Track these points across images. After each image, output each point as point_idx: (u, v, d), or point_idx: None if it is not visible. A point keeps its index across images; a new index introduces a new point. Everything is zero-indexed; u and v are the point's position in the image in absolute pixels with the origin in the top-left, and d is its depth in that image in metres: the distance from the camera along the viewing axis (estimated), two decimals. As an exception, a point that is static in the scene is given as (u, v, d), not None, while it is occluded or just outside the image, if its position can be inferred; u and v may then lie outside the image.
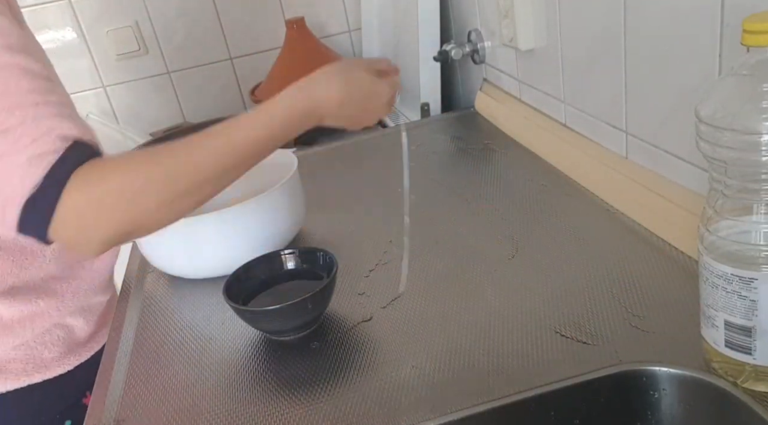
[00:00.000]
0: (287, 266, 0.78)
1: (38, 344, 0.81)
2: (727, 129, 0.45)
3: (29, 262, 0.79)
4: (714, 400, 0.53)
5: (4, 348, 0.78)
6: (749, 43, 0.44)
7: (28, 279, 0.79)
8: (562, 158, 0.96)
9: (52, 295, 0.81)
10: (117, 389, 0.69)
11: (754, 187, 0.46)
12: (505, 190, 0.94)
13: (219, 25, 1.68)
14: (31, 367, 0.80)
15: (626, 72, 0.78)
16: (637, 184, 0.79)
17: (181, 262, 0.86)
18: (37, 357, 0.81)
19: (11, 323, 0.78)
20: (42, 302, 0.80)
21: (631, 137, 0.81)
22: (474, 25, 1.25)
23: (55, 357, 0.82)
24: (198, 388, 0.67)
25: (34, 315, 0.80)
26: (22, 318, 0.79)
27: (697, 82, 0.66)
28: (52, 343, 0.82)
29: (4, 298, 0.77)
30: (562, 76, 0.95)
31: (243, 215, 0.82)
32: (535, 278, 0.73)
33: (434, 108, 1.35)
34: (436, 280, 0.76)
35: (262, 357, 0.70)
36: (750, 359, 0.50)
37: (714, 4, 0.60)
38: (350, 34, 1.76)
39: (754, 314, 0.48)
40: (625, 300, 0.66)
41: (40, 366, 0.81)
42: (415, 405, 0.59)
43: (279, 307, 0.68)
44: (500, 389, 0.58)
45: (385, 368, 0.64)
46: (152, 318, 0.81)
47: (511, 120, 1.14)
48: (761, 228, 0.47)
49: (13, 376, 0.79)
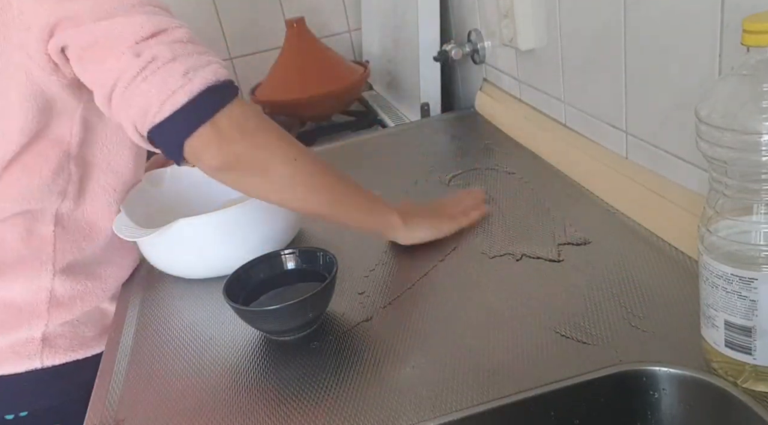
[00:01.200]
0: (287, 266, 0.78)
1: (81, 323, 0.86)
2: (727, 129, 0.45)
3: (86, 244, 0.85)
4: (714, 400, 0.53)
5: (54, 323, 0.83)
6: (749, 43, 0.44)
7: (82, 260, 0.85)
8: (562, 158, 0.96)
9: (97, 278, 0.87)
10: (117, 389, 0.69)
11: (754, 187, 0.46)
12: (505, 190, 0.94)
13: (219, 25, 1.68)
14: (76, 344, 0.85)
15: (626, 72, 0.78)
16: (637, 184, 0.79)
17: (181, 262, 0.86)
18: (79, 334, 0.85)
19: (64, 300, 0.84)
20: (90, 283, 0.86)
21: (631, 137, 0.81)
22: (474, 25, 1.25)
23: (94, 336, 0.86)
24: (198, 388, 0.67)
25: (84, 295, 0.85)
26: (73, 296, 0.84)
27: (697, 82, 0.66)
28: (92, 323, 0.87)
29: (62, 275, 0.83)
30: (562, 76, 0.95)
31: (243, 216, 0.82)
32: (535, 278, 0.73)
33: (434, 108, 1.35)
34: (436, 280, 0.76)
35: (262, 357, 0.70)
36: (750, 359, 0.50)
37: (714, 4, 0.60)
38: (350, 34, 1.76)
39: (754, 314, 0.48)
40: (625, 300, 0.66)
41: (83, 343, 0.85)
42: (415, 405, 0.59)
43: (279, 307, 0.68)
44: (500, 389, 0.58)
45: (385, 368, 0.64)
46: (152, 318, 0.81)
47: (511, 120, 1.14)
48: (761, 228, 0.47)
49: (61, 351, 0.84)
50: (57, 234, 0.82)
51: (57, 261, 0.82)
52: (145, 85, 0.65)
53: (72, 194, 0.82)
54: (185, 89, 0.66)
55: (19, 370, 0.82)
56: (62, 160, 0.80)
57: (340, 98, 1.47)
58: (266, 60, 1.60)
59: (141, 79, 0.65)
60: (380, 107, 1.52)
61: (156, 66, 0.65)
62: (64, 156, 0.80)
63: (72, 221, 0.83)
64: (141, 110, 0.66)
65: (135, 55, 0.65)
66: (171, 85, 0.65)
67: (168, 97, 0.65)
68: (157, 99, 0.65)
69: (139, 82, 0.65)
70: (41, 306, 0.82)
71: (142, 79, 0.65)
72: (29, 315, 0.82)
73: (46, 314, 0.82)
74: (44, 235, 0.82)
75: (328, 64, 1.47)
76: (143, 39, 0.66)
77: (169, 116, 0.66)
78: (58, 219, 0.82)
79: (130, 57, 0.65)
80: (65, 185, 0.81)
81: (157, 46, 0.66)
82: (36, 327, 0.82)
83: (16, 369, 0.82)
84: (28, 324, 0.82)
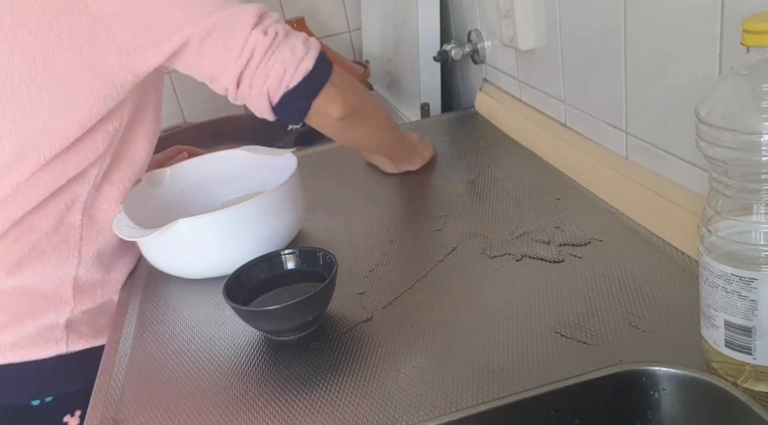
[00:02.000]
0: (287, 266, 0.78)
1: (98, 312, 0.89)
2: (727, 129, 0.45)
3: (111, 234, 0.87)
4: (714, 400, 0.53)
5: (76, 311, 0.86)
6: (749, 43, 0.44)
7: (104, 249, 0.89)
8: (562, 158, 0.96)
9: (113, 269, 0.91)
10: (117, 389, 0.69)
11: (754, 187, 0.46)
12: (505, 190, 0.94)
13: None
14: (95, 330, 0.88)
15: (626, 72, 0.78)
16: (637, 184, 0.79)
17: (181, 262, 0.86)
18: (97, 322, 0.88)
19: (86, 288, 0.87)
20: (107, 274, 0.90)
21: (631, 137, 0.81)
22: (474, 25, 1.25)
23: (107, 324, 0.88)
24: (198, 388, 0.67)
25: (104, 284, 0.89)
26: (94, 285, 0.88)
27: (697, 82, 0.66)
28: (107, 312, 0.89)
29: (86, 264, 0.86)
30: (562, 76, 0.95)
31: (243, 216, 0.82)
32: (535, 278, 0.73)
33: (434, 108, 1.35)
34: (436, 280, 0.76)
35: (262, 357, 0.70)
36: (750, 359, 0.50)
37: (714, 4, 0.60)
38: (350, 34, 1.76)
39: (754, 314, 0.48)
40: (625, 300, 0.66)
41: (99, 331, 0.88)
42: (415, 405, 0.59)
43: (279, 307, 0.68)
44: (500, 389, 0.58)
45: (385, 368, 0.64)
46: (152, 318, 0.81)
47: (511, 120, 1.14)
48: (761, 228, 0.47)
49: (84, 337, 0.87)
50: (84, 223, 0.85)
51: (83, 250, 0.86)
52: (277, 56, 0.76)
53: (99, 183, 0.86)
54: (310, 55, 0.78)
55: (45, 356, 0.85)
56: (105, 149, 0.83)
57: (340, 98, 1.47)
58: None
59: (272, 52, 0.76)
60: (380, 107, 1.52)
61: (280, 40, 0.77)
62: (107, 146, 0.84)
63: (97, 210, 0.87)
64: (276, 78, 0.77)
65: (263, 33, 0.76)
66: (298, 53, 0.77)
67: (300, 63, 0.77)
68: (291, 65, 0.77)
69: (271, 54, 0.76)
70: (67, 293, 0.85)
71: (272, 52, 0.76)
72: (56, 302, 0.85)
73: (72, 301, 0.86)
74: (73, 223, 0.85)
75: (328, 64, 1.47)
76: (259, 21, 0.77)
77: (301, 80, 0.78)
78: (86, 207, 0.85)
79: (258, 35, 0.76)
80: (99, 172, 0.85)
81: (272, 24, 0.77)
82: (62, 313, 0.85)
83: (43, 355, 0.85)
84: (56, 310, 0.85)
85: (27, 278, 0.83)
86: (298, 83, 0.78)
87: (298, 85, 0.78)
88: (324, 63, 0.80)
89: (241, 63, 0.76)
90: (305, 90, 0.79)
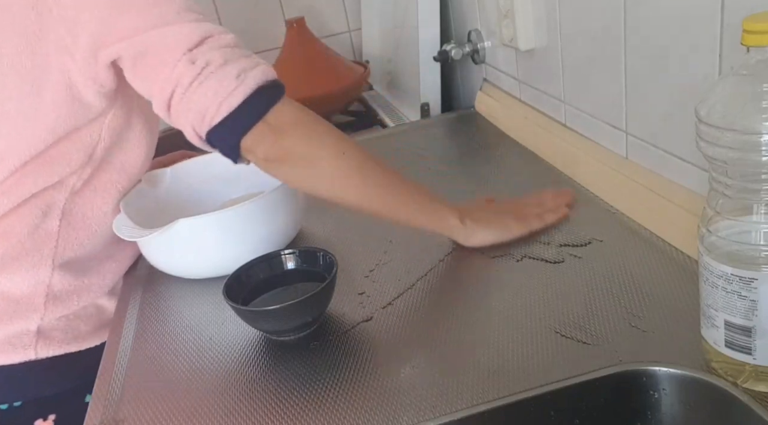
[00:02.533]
0: (287, 266, 0.78)
1: (77, 317, 0.86)
2: (727, 129, 0.45)
3: (88, 240, 0.86)
4: (714, 400, 0.53)
5: (50, 318, 0.84)
6: (749, 43, 0.44)
7: (82, 256, 0.86)
8: (562, 158, 0.96)
9: (95, 273, 0.88)
10: (117, 389, 0.69)
11: (754, 187, 0.46)
12: (505, 190, 0.94)
13: (219, 25, 1.67)
14: (71, 337, 0.86)
15: (626, 72, 0.78)
16: (637, 184, 0.79)
17: (181, 262, 0.86)
18: (75, 328, 0.86)
19: (61, 295, 0.84)
20: (87, 279, 0.87)
21: (631, 137, 0.81)
22: (474, 25, 1.25)
23: (89, 330, 0.87)
24: (198, 388, 0.67)
25: (81, 291, 0.86)
26: (70, 292, 0.85)
27: (697, 82, 0.66)
28: (88, 318, 0.88)
29: (61, 270, 0.84)
30: (562, 76, 0.95)
31: (243, 216, 0.82)
32: (535, 278, 0.73)
33: (434, 108, 1.34)
34: (436, 280, 0.76)
35: (262, 357, 0.70)
36: (750, 359, 0.50)
37: (714, 4, 0.60)
38: (350, 34, 1.76)
39: (754, 314, 0.48)
40: (625, 300, 0.66)
41: (78, 337, 0.86)
42: (415, 405, 0.59)
43: (279, 307, 0.68)
44: (500, 389, 0.58)
45: (385, 368, 0.64)
46: (152, 318, 0.81)
47: (511, 120, 1.14)
48: (761, 228, 0.47)
49: (56, 343, 0.85)
50: (62, 229, 0.83)
51: (57, 256, 0.84)
52: (202, 89, 0.69)
53: (80, 189, 0.83)
54: (239, 91, 0.69)
55: (13, 361, 0.83)
56: (84, 160, 0.82)
57: (340, 98, 1.47)
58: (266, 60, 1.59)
59: (197, 84, 0.69)
60: (380, 107, 1.52)
61: (210, 71, 0.69)
62: (86, 157, 0.82)
63: (78, 216, 0.84)
64: (199, 113, 0.69)
65: (190, 62, 0.69)
66: (226, 87, 0.69)
67: (224, 100, 0.69)
68: (214, 102, 0.69)
69: (196, 87, 0.69)
70: (38, 300, 0.83)
71: (198, 83, 0.69)
72: (26, 308, 0.83)
73: (42, 308, 0.84)
74: (50, 229, 0.83)
75: (328, 64, 1.47)
76: (195, 45, 0.70)
77: (225, 117, 0.69)
78: (65, 213, 0.83)
79: (185, 64, 0.69)
80: (77, 180, 0.83)
81: (209, 52, 0.70)
82: (32, 320, 0.83)
83: (11, 360, 0.83)
84: (25, 317, 0.83)
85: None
86: (221, 121, 0.70)
87: (221, 122, 0.70)
88: (262, 98, 0.71)
89: (165, 94, 0.70)
90: (231, 128, 0.70)
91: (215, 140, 0.72)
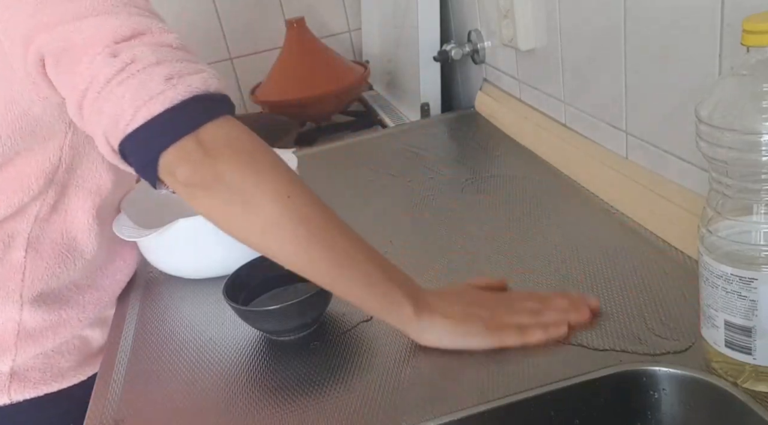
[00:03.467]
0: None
1: (56, 353, 0.79)
2: (727, 129, 0.45)
3: (61, 269, 0.77)
4: (714, 400, 0.53)
5: (25, 356, 0.77)
6: (749, 43, 0.44)
7: (56, 287, 0.78)
8: (562, 158, 0.96)
9: (74, 305, 0.80)
10: (117, 389, 0.69)
11: (754, 187, 0.46)
12: (505, 190, 0.94)
13: (219, 25, 1.68)
14: (49, 376, 0.78)
15: (626, 72, 0.78)
16: (637, 184, 0.79)
17: (181, 262, 0.86)
18: (54, 366, 0.79)
19: (35, 332, 0.77)
20: (64, 312, 0.78)
21: (631, 137, 0.81)
22: (474, 25, 1.25)
23: (71, 366, 0.80)
24: (198, 388, 0.67)
25: (57, 325, 0.78)
26: (45, 328, 0.77)
27: (697, 82, 0.66)
28: (69, 352, 0.80)
29: (32, 305, 0.76)
30: (562, 76, 0.95)
31: (243, 215, 0.82)
32: (535, 278, 0.73)
33: (434, 108, 1.34)
34: (436, 280, 0.76)
35: (262, 357, 0.70)
36: (750, 359, 0.50)
37: (714, 4, 0.60)
38: (350, 34, 1.76)
39: (754, 314, 0.48)
40: (625, 300, 0.66)
41: (57, 375, 0.79)
42: (415, 405, 0.59)
43: (279, 307, 0.68)
44: (500, 389, 0.58)
45: (385, 368, 0.64)
46: (152, 318, 0.81)
47: (511, 120, 1.14)
48: (761, 228, 0.47)
49: (31, 385, 0.77)
50: (28, 260, 0.75)
51: (26, 290, 0.75)
52: (121, 89, 0.56)
53: (47, 216, 0.75)
54: (166, 95, 0.56)
55: None
56: (44, 185, 0.72)
57: (340, 98, 1.47)
58: (266, 60, 1.60)
59: (116, 83, 0.56)
60: (380, 107, 1.52)
61: (135, 68, 0.56)
62: (46, 182, 0.72)
63: (46, 244, 0.76)
64: (113, 118, 0.57)
65: (111, 55, 0.57)
66: (150, 89, 0.56)
67: (144, 104, 0.56)
68: (131, 105, 0.56)
69: (114, 85, 0.56)
70: (8, 339, 0.75)
71: (118, 82, 0.56)
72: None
73: (14, 348, 0.76)
74: (14, 261, 0.74)
75: (328, 64, 1.47)
76: (123, 39, 0.58)
77: (143, 125, 0.56)
78: (31, 243, 0.75)
79: (105, 57, 0.57)
80: (42, 207, 0.74)
81: (139, 47, 0.58)
82: (3, 362, 0.76)
83: None
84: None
85: None
86: (136, 128, 0.56)
87: (137, 130, 0.56)
88: (195, 110, 0.57)
89: (78, 92, 0.58)
90: (147, 139, 0.57)
91: (129, 152, 0.58)
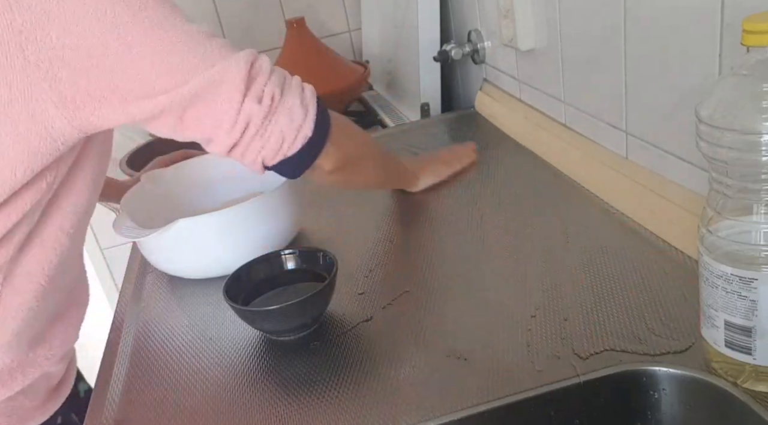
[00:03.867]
0: (287, 267, 0.78)
1: (21, 394, 0.74)
2: (727, 129, 0.45)
3: (37, 303, 0.70)
4: (714, 400, 0.54)
5: None
6: (749, 43, 0.44)
7: (28, 326, 0.71)
8: (562, 158, 0.96)
9: (42, 343, 0.74)
10: (117, 389, 0.69)
11: (754, 187, 0.46)
12: (505, 190, 0.94)
13: (219, 25, 1.68)
14: (14, 420, 0.74)
15: (626, 72, 0.78)
16: (637, 184, 0.79)
17: (181, 262, 0.86)
18: (18, 407, 0.74)
19: (3, 374, 0.71)
20: (32, 352, 0.73)
21: (631, 137, 0.81)
22: (474, 25, 1.25)
23: (36, 405, 0.76)
24: (198, 388, 0.67)
25: (25, 366, 0.73)
26: (12, 370, 0.71)
27: (697, 82, 0.66)
28: (34, 393, 0.76)
29: (7, 348, 0.70)
30: (562, 76, 0.95)
31: (243, 216, 0.82)
32: (535, 278, 0.73)
33: (434, 108, 1.35)
34: (435, 280, 0.76)
35: (262, 357, 0.70)
36: (750, 359, 0.50)
37: (714, 4, 0.60)
38: (350, 34, 1.76)
39: (754, 314, 0.48)
40: (625, 300, 0.66)
41: (22, 417, 0.75)
42: (415, 405, 0.59)
43: (279, 307, 0.68)
44: (500, 389, 0.58)
45: (385, 368, 0.64)
46: (152, 318, 0.81)
47: (511, 120, 1.14)
48: (761, 228, 0.47)
49: None
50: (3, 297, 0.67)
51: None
52: (273, 126, 0.68)
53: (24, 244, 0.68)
54: (309, 119, 0.70)
55: None
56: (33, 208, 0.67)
57: (340, 98, 1.47)
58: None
59: (267, 122, 0.67)
60: (380, 107, 1.52)
61: (276, 106, 0.68)
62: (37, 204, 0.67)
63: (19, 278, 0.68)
64: (274, 148, 0.69)
65: (256, 101, 0.66)
66: (297, 119, 0.69)
67: (299, 131, 0.69)
68: (291, 135, 0.69)
69: (267, 124, 0.68)
70: None
71: (268, 121, 0.67)
72: None
73: None
74: None
75: (328, 64, 1.47)
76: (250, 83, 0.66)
77: (301, 147, 0.70)
78: (6, 277, 0.67)
79: (252, 104, 0.66)
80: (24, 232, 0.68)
81: (266, 85, 0.67)
82: None
83: None
84: None
85: None
86: (297, 151, 0.70)
87: (298, 152, 0.70)
88: (322, 121, 0.72)
89: (234, 136, 0.67)
90: (306, 155, 0.71)
91: (285, 167, 0.71)
